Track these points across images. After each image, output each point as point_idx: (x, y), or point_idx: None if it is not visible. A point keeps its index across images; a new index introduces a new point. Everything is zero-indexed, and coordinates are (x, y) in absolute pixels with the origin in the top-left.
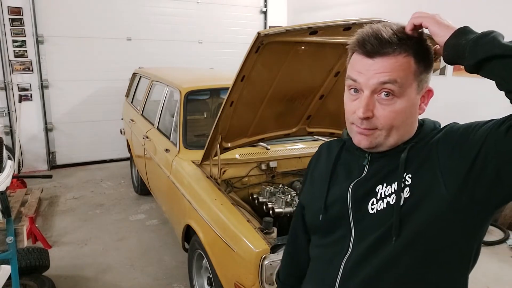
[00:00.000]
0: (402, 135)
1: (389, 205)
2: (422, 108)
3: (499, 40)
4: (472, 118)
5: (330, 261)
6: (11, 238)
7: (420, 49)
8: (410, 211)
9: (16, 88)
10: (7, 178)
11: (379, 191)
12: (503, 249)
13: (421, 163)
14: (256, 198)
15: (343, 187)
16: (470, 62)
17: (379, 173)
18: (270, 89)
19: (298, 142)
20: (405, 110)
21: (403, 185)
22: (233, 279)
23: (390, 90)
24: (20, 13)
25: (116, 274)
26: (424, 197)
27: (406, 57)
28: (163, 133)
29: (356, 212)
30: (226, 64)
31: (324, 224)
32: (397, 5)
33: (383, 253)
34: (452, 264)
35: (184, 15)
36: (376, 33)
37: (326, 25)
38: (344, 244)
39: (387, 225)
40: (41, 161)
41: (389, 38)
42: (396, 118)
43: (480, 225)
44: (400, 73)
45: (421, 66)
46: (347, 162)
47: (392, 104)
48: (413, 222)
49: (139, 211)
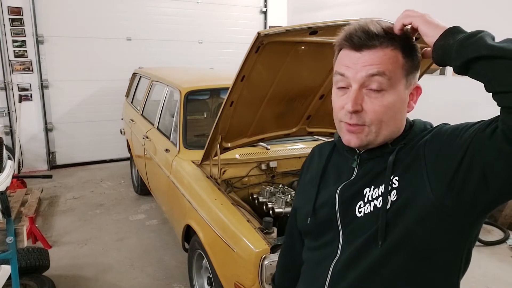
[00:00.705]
0: (391, 132)
1: (376, 208)
2: (410, 106)
3: (486, 40)
4: (472, 118)
5: (320, 264)
6: (11, 238)
7: (407, 45)
8: (397, 215)
9: (16, 88)
10: (7, 178)
11: (367, 194)
12: (503, 249)
13: (408, 165)
14: (256, 198)
15: (331, 190)
16: (457, 63)
17: (367, 175)
18: (270, 89)
19: (298, 142)
20: (394, 104)
21: (390, 188)
22: (233, 279)
23: (378, 83)
24: (20, 13)
25: (116, 274)
26: (410, 200)
27: (394, 50)
28: (163, 133)
29: (343, 215)
30: (226, 64)
31: (313, 227)
32: (397, 5)
33: (370, 257)
34: (440, 269)
35: (184, 15)
36: (363, 27)
37: (326, 25)
38: (333, 247)
39: (374, 229)
40: (41, 161)
41: (377, 31)
42: (385, 112)
43: (469, 229)
44: (389, 66)
45: (409, 61)
46: (337, 164)
47: (381, 98)
48: (400, 225)
49: (139, 211)
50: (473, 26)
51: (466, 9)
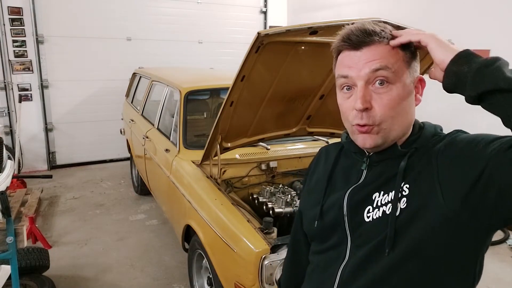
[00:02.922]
0: (403, 127)
1: (385, 214)
2: (418, 99)
3: (504, 71)
4: (472, 118)
5: (327, 267)
6: (11, 238)
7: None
8: (406, 223)
9: (16, 88)
10: (7, 178)
11: (376, 199)
12: (503, 249)
13: (419, 172)
14: (256, 198)
15: (340, 194)
16: (471, 93)
17: (377, 180)
18: (270, 89)
19: (298, 142)
20: (403, 97)
21: (401, 195)
22: (233, 279)
23: (384, 77)
24: (20, 13)
25: (116, 274)
26: (421, 209)
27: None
28: (163, 133)
29: (351, 219)
30: (226, 64)
31: (320, 231)
32: (397, 5)
33: (377, 265)
34: (454, 278)
35: (184, 15)
36: (359, 26)
37: (326, 25)
38: (341, 251)
39: (382, 236)
40: (41, 161)
41: (373, 28)
42: (395, 106)
43: (485, 238)
44: (390, 59)
45: (408, 52)
46: (345, 167)
47: (389, 92)
48: (409, 234)
49: (139, 211)
50: (470, 25)
51: (462, 10)
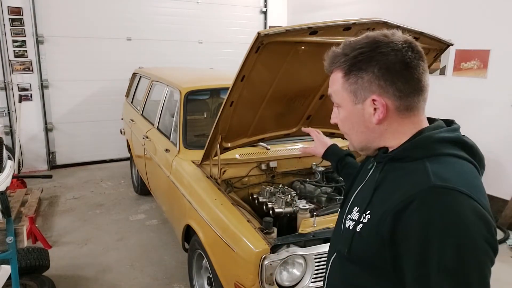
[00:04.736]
0: (362, 141)
1: (350, 228)
2: (376, 118)
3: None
4: (472, 118)
5: (327, 257)
6: (11, 238)
7: (351, 64)
8: (360, 242)
9: (16, 88)
10: (7, 178)
11: (353, 212)
12: (503, 249)
13: (384, 201)
14: (256, 198)
15: (353, 191)
16: None
17: (368, 187)
18: (270, 89)
19: (298, 142)
20: (347, 119)
21: (362, 219)
22: (233, 279)
23: (334, 102)
24: (20, 13)
25: (116, 274)
26: (370, 237)
27: (336, 72)
28: (163, 133)
29: (345, 219)
30: (226, 64)
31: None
32: (397, 4)
33: (343, 268)
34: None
35: (184, 15)
36: (329, 53)
37: (326, 25)
38: (331, 246)
39: (344, 245)
40: (41, 161)
41: (330, 56)
42: (343, 125)
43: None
44: (333, 87)
45: (351, 78)
46: (364, 167)
47: (340, 113)
48: (358, 251)
49: (139, 211)
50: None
51: (465, 10)
